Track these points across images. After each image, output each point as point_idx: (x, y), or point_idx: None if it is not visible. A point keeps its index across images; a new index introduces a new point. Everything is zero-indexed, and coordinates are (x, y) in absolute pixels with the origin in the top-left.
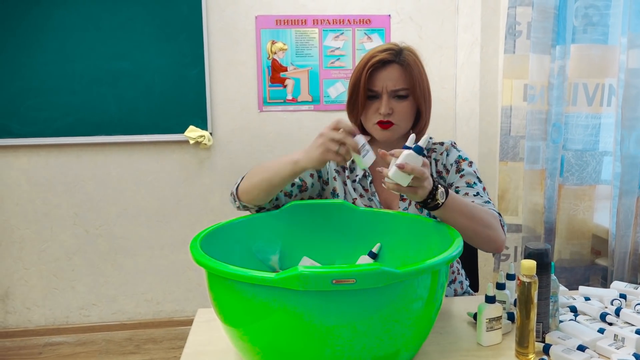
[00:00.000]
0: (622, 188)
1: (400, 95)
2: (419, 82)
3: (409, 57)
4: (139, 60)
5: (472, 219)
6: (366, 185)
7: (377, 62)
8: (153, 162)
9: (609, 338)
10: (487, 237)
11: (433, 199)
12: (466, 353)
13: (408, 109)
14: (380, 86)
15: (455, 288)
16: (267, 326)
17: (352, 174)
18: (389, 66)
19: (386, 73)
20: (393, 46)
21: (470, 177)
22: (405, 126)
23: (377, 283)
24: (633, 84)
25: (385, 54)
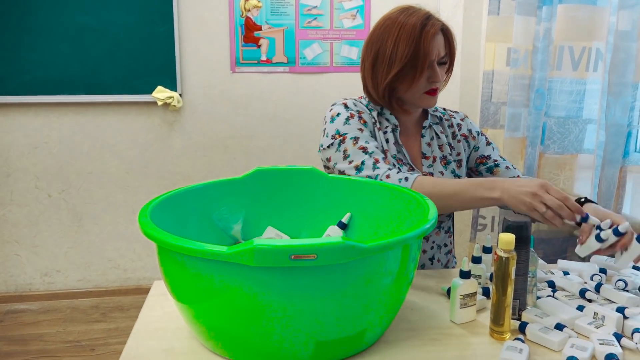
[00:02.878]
0: (606, 157)
1: (444, 61)
2: (454, 48)
3: (446, 26)
4: (104, 16)
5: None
6: (397, 137)
7: (435, 32)
8: (119, 124)
9: (589, 316)
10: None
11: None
12: (438, 331)
13: (448, 75)
14: (434, 54)
15: (449, 258)
16: (221, 305)
17: (381, 126)
18: (438, 34)
19: (437, 41)
20: (429, 12)
21: (492, 143)
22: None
23: (340, 259)
24: (622, 48)
25: (435, 21)
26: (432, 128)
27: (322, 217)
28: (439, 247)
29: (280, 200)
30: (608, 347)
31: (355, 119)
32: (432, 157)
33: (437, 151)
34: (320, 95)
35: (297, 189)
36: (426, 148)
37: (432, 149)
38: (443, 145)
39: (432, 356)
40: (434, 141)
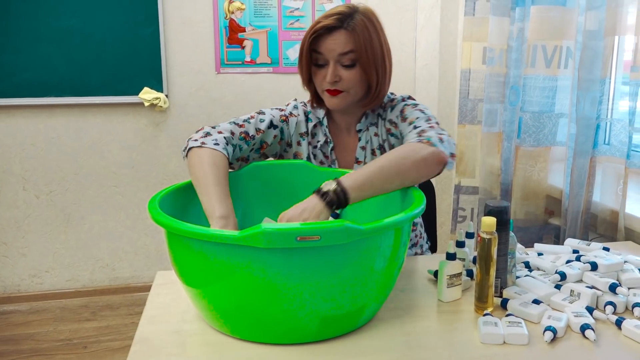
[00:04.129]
0: (577, 149)
1: (348, 61)
2: (367, 48)
3: (359, 22)
4: (90, 18)
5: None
6: (327, 151)
7: (321, 29)
8: (106, 125)
9: (565, 293)
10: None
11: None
12: (428, 309)
13: (357, 76)
14: (327, 53)
15: (416, 251)
16: (230, 286)
17: (313, 140)
18: (335, 32)
19: (332, 39)
20: (345, 9)
21: (412, 115)
22: (355, 93)
23: (341, 239)
24: (590, 46)
25: (330, 19)
26: (369, 130)
27: None
28: None
29: (275, 193)
30: (582, 319)
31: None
32: (365, 162)
33: (369, 156)
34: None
35: (291, 182)
36: (360, 152)
37: (365, 154)
38: (375, 150)
39: (424, 330)
40: (368, 144)
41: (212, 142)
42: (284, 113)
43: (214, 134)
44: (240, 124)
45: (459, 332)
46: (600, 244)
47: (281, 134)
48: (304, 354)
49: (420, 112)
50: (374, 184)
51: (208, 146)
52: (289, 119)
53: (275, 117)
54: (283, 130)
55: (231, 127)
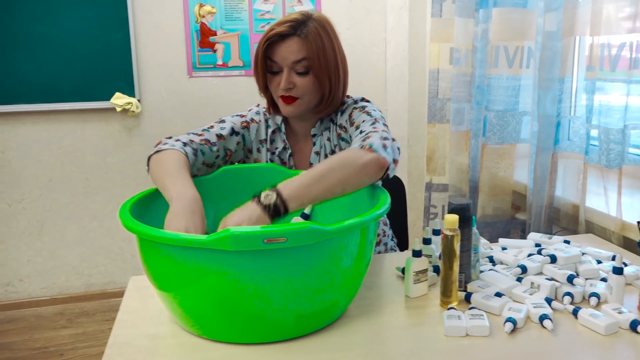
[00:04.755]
0: (539, 146)
1: (301, 69)
2: (320, 55)
3: (312, 30)
4: (59, 24)
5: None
6: (285, 158)
7: (274, 36)
8: (78, 131)
9: (526, 285)
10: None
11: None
12: (395, 305)
13: (310, 83)
14: (280, 61)
15: (379, 250)
16: (201, 289)
17: (271, 146)
18: (288, 40)
19: (285, 47)
20: (298, 17)
21: (359, 119)
22: (310, 100)
23: (307, 240)
24: (549, 47)
25: (283, 27)
26: (323, 135)
27: None
28: None
29: (246, 196)
30: (540, 309)
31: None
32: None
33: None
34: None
35: (262, 185)
36: (314, 157)
37: (319, 159)
38: (327, 154)
39: (392, 325)
40: (322, 150)
41: (169, 146)
42: (244, 119)
43: (169, 142)
44: (199, 133)
45: (425, 326)
46: (562, 237)
47: (243, 140)
48: (276, 352)
49: (366, 115)
50: (312, 192)
51: (165, 148)
52: (250, 125)
53: (236, 124)
54: (244, 136)
55: (190, 137)
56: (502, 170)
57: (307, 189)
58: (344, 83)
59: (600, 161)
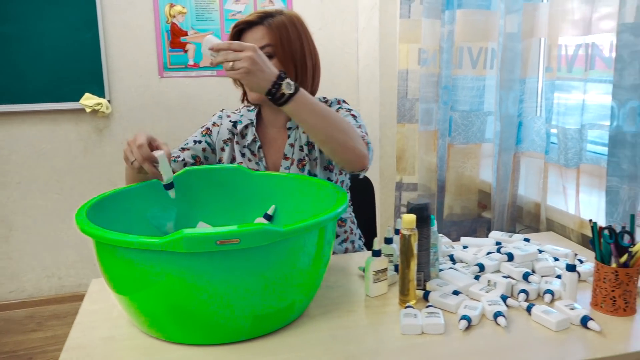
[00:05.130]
0: (501, 145)
1: (265, 53)
2: (284, 43)
3: (278, 20)
4: (26, 24)
5: (326, 120)
6: (255, 150)
7: (242, 24)
8: (47, 132)
9: (483, 283)
10: (344, 143)
11: (278, 89)
12: (355, 304)
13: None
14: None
15: (347, 247)
16: (158, 291)
17: (242, 140)
18: (254, 27)
19: (251, 34)
20: (269, 10)
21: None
22: None
23: (261, 241)
24: (510, 48)
25: (252, 16)
26: (298, 128)
27: (250, 211)
28: None
29: (210, 197)
30: (495, 307)
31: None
32: (292, 159)
33: (297, 153)
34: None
35: (225, 186)
36: (288, 149)
37: (294, 150)
38: (303, 146)
39: (349, 324)
40: (297, 142)
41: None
42: (204, 127)
43: None
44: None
45: (383, 325)
46: (522, 236)
47: (208, 145)
48: (233, 353)
49: (353, 119)
50: (316, 112)
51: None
52: (211, 130)
53: (197, 135)
54: (208, 142)
55: None
56: (468, 169)
57: (315, 107)
58: (313, 77)
59: (559, 160)
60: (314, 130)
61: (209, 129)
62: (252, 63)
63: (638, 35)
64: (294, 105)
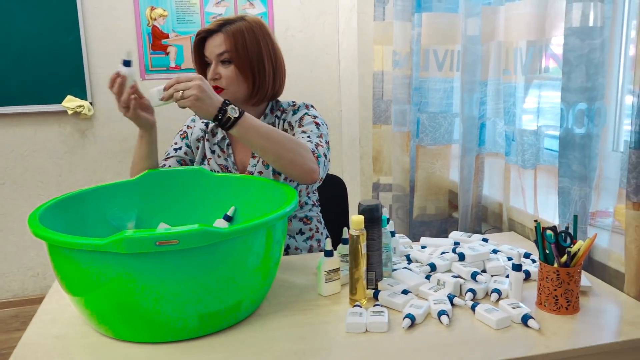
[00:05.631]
0: (465, 146)
1: (224, 60)
2: (240, 49)
3: (236, 27)
4: (7, 27)
5: (271, 141)
6: (224, 147)
7: (203, 32)
8: (29, 134)
9: (433, 283)
10: (290, 161)
11: (224, 115)
12: (307, 303)
13: (233, 74)
14: (208, 54)
15: (311, 244)
16: (103, 291)
17: (213, 138)
18: (214, 35)
19: (211, 41)
20: (230, 17)
21: (308, 126)
22: (235, 90)
23: (200, 242)
24: (471, 50)
25: (212, 24)
26: None
27: (211, 212)
28: (291, 236)
29: (171, 198)
30: (440, 305)
31: (178, 135)
32: (259, 158)
33: None
34: None
35: (187, 188)
36: None
37: None
38: None
39: (298, 323)
40: None
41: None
42: (181, 132)
43: None
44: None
45: (330, 324)
46: (481, 236)
47: (188, 147)
48: (182, 350)
49: (315, 127)
50: (261, 134)
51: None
52: (186, 132)
53: (177, 142)
54: (187, 144)
55: None
56: (438, 170)
57: (260, 129)
58: (274, 80)
59: (517, 161)
60: (261, 150)
61: (185, 132)
62: (200, 90)
63: (584, 39)
64: (239, 128)
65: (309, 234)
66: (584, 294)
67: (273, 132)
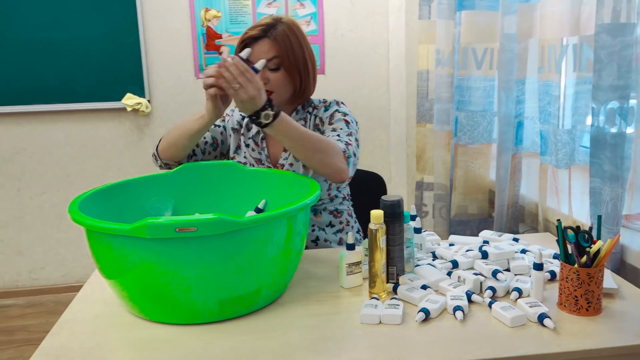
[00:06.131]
0: (501, 145)
1: (273, 65)
2: (289, 53)
3: (281, 32)
4: (74, 30)
5: (303, 144)
6: (258, 140)
7: (248, 39)
8: (92, 130)
9: (453, 279)
10: (320, 161)
11: (257, 117)
12: (328, 294)
13: (282, 78)
14: (255, 60)
15: (341, 237)
16: (133, 275)
17: (247, 132)
18: (260, 41)
19: (258, 47)
20: (269, 21)
21: (338, 123)
22: (282, 93)
23: (217, 230)
24: (508, 48)
25: (255, 30)
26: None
27: (243, 205)
28: (321, 229)
29: (206, 190)
30: (456, 301)
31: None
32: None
33: None
34: None
35: (220, 181)
36: None
37: None
38: None
39: (316, 312)
40: None
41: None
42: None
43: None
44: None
45: (347, 314)
46: (511, 235)
47: (225, 129)
48: (203, 332)
49: (345, 125)
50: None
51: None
52: (225, 118)
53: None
54: (225, 126)
55: None
56: (478, 169)
57: (292, 132)
58: (314, 77)
59: (551, 161)
60: (292, 150)
61: (224, 116)
62: (257, 91)
63: (615, 35)
64: (272, 130)
65: (339, 226)
66: (610, 296)
67: (304, 134)
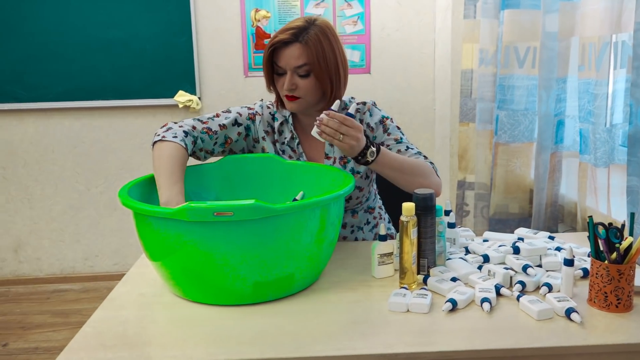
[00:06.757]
0: (541, 144)
1: (303, 72)
2: (320, 60)
3: (313, 36)
4: (130, 29)
5: (403, 171)
6: (294, 146)
7: (278, 43)
8: (146, 125)
9: (484, 273)
10: (420, 184)
11: (364, 157)
12: (359, 283)
13: (311, 84)
14: (284, 64)
15: (376, 232)
16: (175, 256)
17: (280, 137)
18: (290, 46)
19: (288, 52)
20: (301, 24)
21: (396, 133)
22: (310, 99)
23: (253, 215)
24: (549, 47)
25: (286, 34)
26: None
27: (281, 196)
28: (360, 228)
29: (246, 182)
30: (484, 293)
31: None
32: (334, 157)
33: (337, 151)
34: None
35: (260, 173)
36: (329, 148)
37: (334, 149)
38: None
39: (347, 299)
40: None
41: (171, 135)
42: (252, 112)
43: (174, 128)
44: (204, 121)
45: (376, 302)
46: (547, 233)
47: (247, 130)
48: (238, 313)
49: (400, 133)
50: (394, 167)
51: (167, 139)
52: (255, 117)
53: (241, 116)
54: (250, 127)
55: (194, 123)
56: (518, 168)
57: (394, 163)
58: (345, 81)
59: (590, 160)
60: (394, 180)
61: (255, 115)
62: (357, 140)
63: None
64: (375, 166)
65: (373, 222)
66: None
67: (403, 162)
